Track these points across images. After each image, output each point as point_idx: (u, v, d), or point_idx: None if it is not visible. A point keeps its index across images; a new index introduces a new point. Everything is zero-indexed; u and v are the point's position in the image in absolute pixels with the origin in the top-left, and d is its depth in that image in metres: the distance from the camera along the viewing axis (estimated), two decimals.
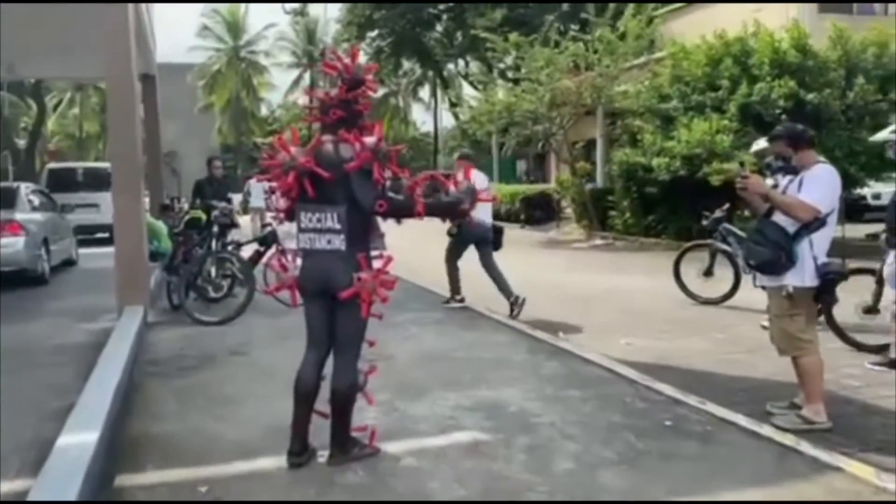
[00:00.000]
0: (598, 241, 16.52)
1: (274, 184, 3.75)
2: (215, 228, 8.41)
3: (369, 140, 3.53)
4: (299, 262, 3.73)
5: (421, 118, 56.11)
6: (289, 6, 43.19)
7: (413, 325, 7.22)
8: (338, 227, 3.55)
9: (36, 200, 12.00)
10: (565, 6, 30.23)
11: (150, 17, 13.46)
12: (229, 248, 8.66)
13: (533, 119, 18.62)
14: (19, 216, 10.53)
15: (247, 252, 8.79)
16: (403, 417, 4.48)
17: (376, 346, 4.00)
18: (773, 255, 4.24)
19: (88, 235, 15.64)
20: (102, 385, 4.89)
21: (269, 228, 8.80)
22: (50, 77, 27.56)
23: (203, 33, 51.52)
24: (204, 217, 8.82)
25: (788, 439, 4.00)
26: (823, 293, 4.31)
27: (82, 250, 13.92)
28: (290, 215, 3.78)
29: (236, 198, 18.20)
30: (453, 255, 8.21)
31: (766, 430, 4.16)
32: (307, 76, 53.21)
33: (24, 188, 12.14)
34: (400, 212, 3.67)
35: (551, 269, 12.43)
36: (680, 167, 13.30)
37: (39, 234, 10.93)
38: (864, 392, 5.13)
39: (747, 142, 12.66)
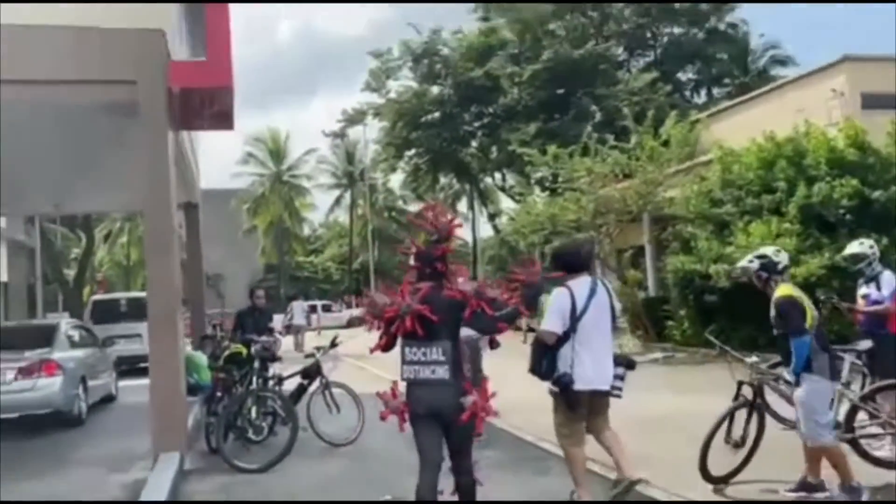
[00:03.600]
0: (658, 354, 15.62)
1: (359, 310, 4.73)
2: (256, 364, 7.93)
3: (467, 288, 4.28)
4: (403, 389, 4.35)
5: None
6: (328, 129, 44.50)
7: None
8: (442, 359, 4.21)
9: (76, 336, 11.68)
10: (598, 116, 30.53)
11: (194, 148, 13.58)
12: (270, 382, 8.14)
13: (577, 228, 18.20)
14: (57, 355, 10.13)
15: (290, 385, 8.24)
16: None
17: None
18: (531, 367, 5.20)
19: (131, 366, 15.30)
20: None
21: (312, 360, 8.27)
22: (94, 211, 28.21)
23: (247, 159, 53.32)
24: (245, 351, 8.35)
25: None
26: (563, 397, 5.05)
27: (124, 382, 13.49)
28: (387, 348, 4.42)
29: (279, 318, 17.95)
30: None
31: None
32: (348, 195, 54.44)
33: (65, 324, 11.89)
34: (513, 321, 4.56)
35: None
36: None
37: (77, 373, 10.52)
38: None
39: (812, 244, 12.03)
